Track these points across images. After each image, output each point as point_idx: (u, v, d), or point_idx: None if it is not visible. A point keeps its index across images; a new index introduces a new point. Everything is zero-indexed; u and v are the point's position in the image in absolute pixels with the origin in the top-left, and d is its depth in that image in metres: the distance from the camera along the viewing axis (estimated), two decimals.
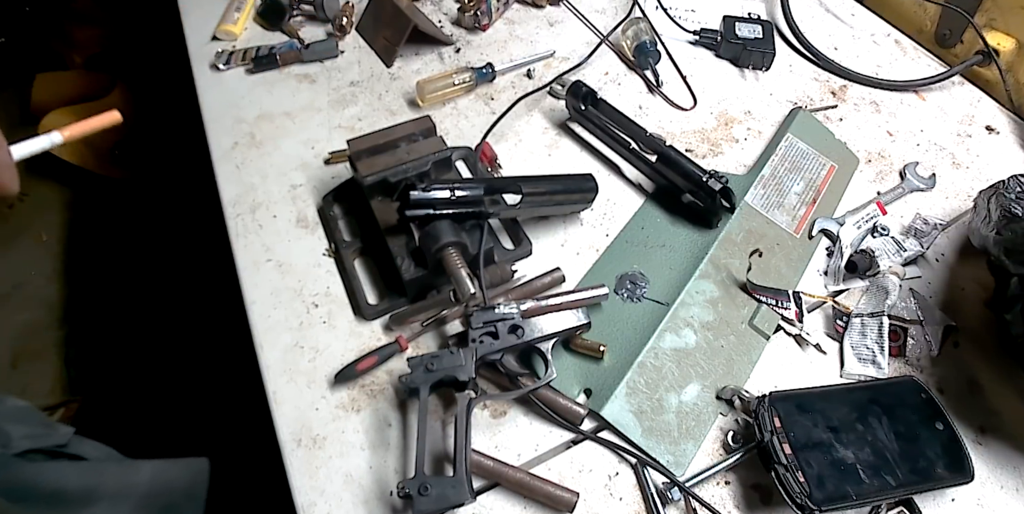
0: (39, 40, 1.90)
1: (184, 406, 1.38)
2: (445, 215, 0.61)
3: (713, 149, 0.81)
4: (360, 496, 0.55)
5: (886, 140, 0.83)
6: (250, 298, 0.67)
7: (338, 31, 0.93)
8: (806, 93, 0.88)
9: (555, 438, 0.58)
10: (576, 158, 0.80)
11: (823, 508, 0.49)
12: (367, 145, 0.69)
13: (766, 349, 0.63)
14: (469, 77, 0.84)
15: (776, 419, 0.53)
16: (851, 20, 0.99)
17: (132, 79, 1.83)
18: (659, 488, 0.55)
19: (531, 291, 0.66)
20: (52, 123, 1.62)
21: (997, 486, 0.57)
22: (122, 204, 1.75)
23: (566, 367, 0.62)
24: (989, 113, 0.87)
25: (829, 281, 0.69)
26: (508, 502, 0.55)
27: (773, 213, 0.72)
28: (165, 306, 1.55)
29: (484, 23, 0.93)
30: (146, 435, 1.35)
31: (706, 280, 0.66)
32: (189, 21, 0.95)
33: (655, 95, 0.87)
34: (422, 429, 0.53)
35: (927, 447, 0.54)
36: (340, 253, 0.69)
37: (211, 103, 0.85)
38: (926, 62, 0.93)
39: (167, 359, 1.46)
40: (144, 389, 1.42)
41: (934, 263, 0.71)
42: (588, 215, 0.74)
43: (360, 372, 0.60)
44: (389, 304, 0.65)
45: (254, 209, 0.74)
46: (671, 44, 0.91)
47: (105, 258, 1.67)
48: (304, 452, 0.57)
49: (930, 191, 0.78)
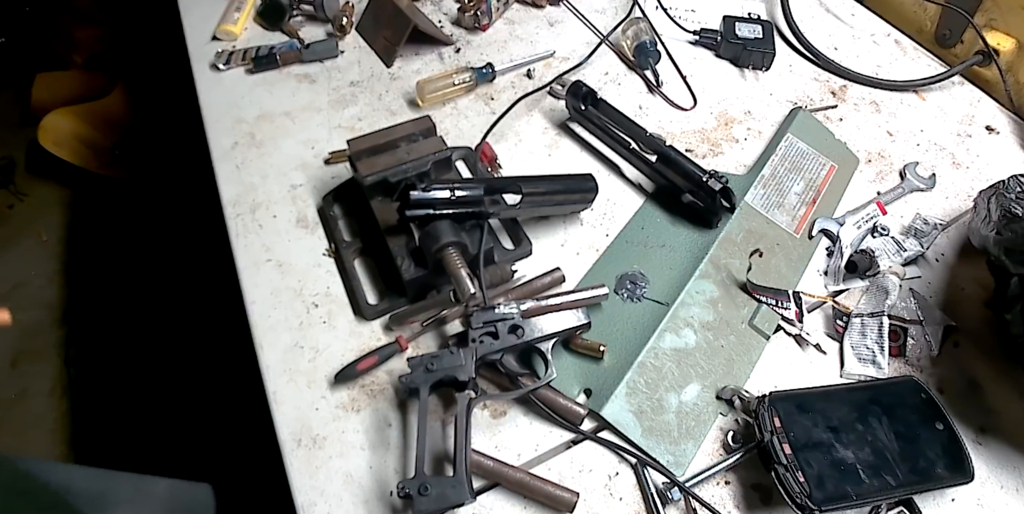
0: (39, 40, 1.90)
1: (184, 406, 1.38)
2: (445, 215, 0.61)
3: (713, 149, 0.81)
4: (360, 496, 0.55)
5: (886, 140, 0.83)
6: (250, 298, 0.67)
7: (338, 31, 0.93)
8: (806, 93, 0.88)
9: (555, 438, 0.58)
10: (576, 158, 0.80)
11: (823, 508, 0.49)
12: (367, 145, 0.69)
13: (766, 349, 0.63)
14: (469, 77, 0.84)
15: (776, 419, 0.53)
16: (851, 20, 0.99)
17: (132, 79, 1.83)
18: (659, 488, 0.55)
19: (531, 291, 0.66)
20: (52, 123, 1.62)
21: (997, 486, 0.57)
22: (122, 204, 1.75)
23: (566, 367, 0.62)
24: (989, 113, 0.87)
25: (829, 281, 0.69)
26: (508, 502, 0.55)
27: (773, 213, 0.72)
28: (165, 306, 1.55)
29: (484, 23, 0.93)
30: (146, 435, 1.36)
31: (706, 280, 0.66)
32: (189, 21, 0.95)
33: (655, 95, 0.87)
34: (422, 429, 0.53)
35: (927, 447, 0.54)
36: (340, 253, 0.69)
37: (211, 103, 0.85)
38: (926, 62, 0.93)
39: (167, 359, 1.46)
40: (144, 389, 1.42)
41: (934, 263, 0.71)
42: (588, 215, 0.74)
43: (360, 372, 0.60)
44: (389, 304, 0.65)
45: (254, 209, 0.74)
46: (671, 44, 0.91)
47: (105, 258, 1.67)
48: (304, 452, 0.57)
49: (930, 191, 0.77)
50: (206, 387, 1.39)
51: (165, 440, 1.34)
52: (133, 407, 1.40)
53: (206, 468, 1.27)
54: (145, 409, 1.39)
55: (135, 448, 1.34)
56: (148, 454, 1.32)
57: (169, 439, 1.34)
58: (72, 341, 1.53)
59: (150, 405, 1.39)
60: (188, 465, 1.29)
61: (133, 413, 1.39)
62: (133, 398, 1.41)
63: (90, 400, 1.43)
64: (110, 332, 1.53)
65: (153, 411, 1.38)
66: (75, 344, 1.52)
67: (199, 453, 1.30)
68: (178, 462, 1.29)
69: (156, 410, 1.38)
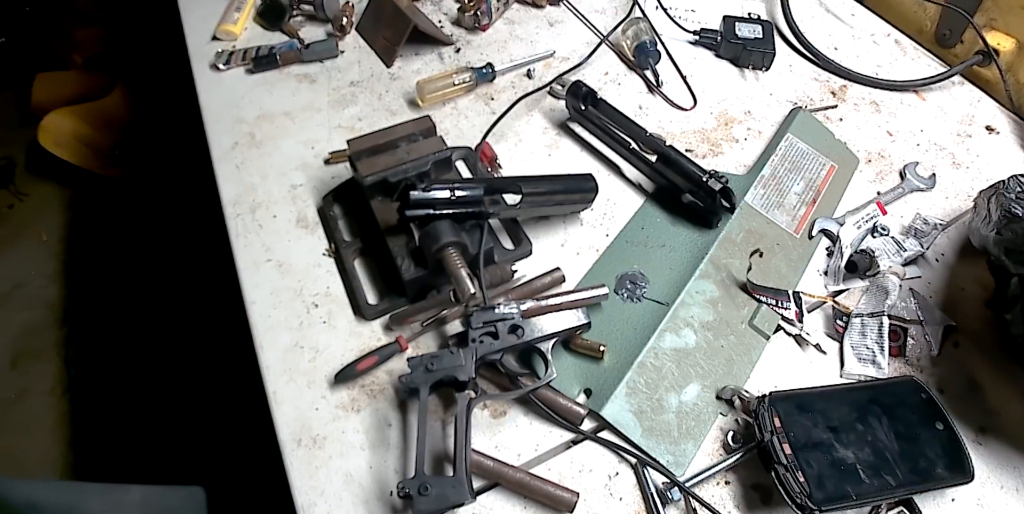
0: (39, 40, 1.90)
1: (184, 406, 1.38)
2: (445, 215, 0.61)
3: (713, 149, 0.81)
4: (360, 496, 0.55)
5: (886, 140, 0.83)
6: (250, 298, 0.67)
7: (338, 31, 0.93)
8: (806, 93, 0.88)
9: (555, 438, 0.58)
10: (576, 158, 0.80)
11: (823, 508, 0.49)
12: (367, 145, 0.69)
13: (766, 349, 0.63)
14: (469, 77, 0.84)
15: (776, 419, 0.53)
16: (851, 20, 0.99)
17: (132, 79, 1.83)
18: (659, 488, 0.55)
19: (531, 291, 0.66)
20: (52, 123, 1.62)
21: (997, 486, 0.57)
22: (122, 204, 1.75)
23: (566, 367, 0.62)
24: (989, 113, 0.87)
25: (829, 281, 0.69)
26: (508, 502, 0.55)
27: (773, 213, 0.72)
28: (165, 306, 1.55)
29: (484, 23, 0.93)
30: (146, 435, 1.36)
31: (706, 280, 0.66)
32: (189, 21, 0.95)
33: (655, 95, 0.87)
34: (422, 429, 0.53)
35: (927, 447, 0.54)
36: (340, 253, 0.69)
37: (211, 103, 0.85)
38: (926, 62, 0.93)
39: (167, 359, 1.46)
40: (144, 389, 1.42)
41: (934, 263, 0.71)
42: (588, 215, 0.74)
43: (360, 372, 0.60)
44: (389, 304, 0.65)
45: (254, 209, 0.74)
46: (671, 44, 0.91)
47: (105, 258, 1.67)
48: (304, 452, 0.57)
49: (930, 191, 0.78)
50: (206, 387, 1.39)
51: (165, 440, 1.34)
52: (133, 407, 1.40)
53: (206, 468, 1.27)
54: (145, 409, 1.39)
55: (135, 448, 1.34)
56: (148, 454, 1.32)
57: (169, 439, 1.34)
58: (72, 341, 1.53)
59: (150, 405, 1.39)
60: (188, 465, 1.29)
61: (133, 413, 1.39)
62: (133, 398, 1.41)
63: (90, 400, 1.43)
64: (110, 332, 1.53)
65: (153, 411, 1.38)
66: (75, 344, 1.52)
67: (199, 453, 1.30)
68: (178, 462, 1.30)
69: (156, 410, 1.38)
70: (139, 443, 1.34)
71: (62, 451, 1.36)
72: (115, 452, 1.34)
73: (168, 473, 1.29)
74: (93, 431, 1.39)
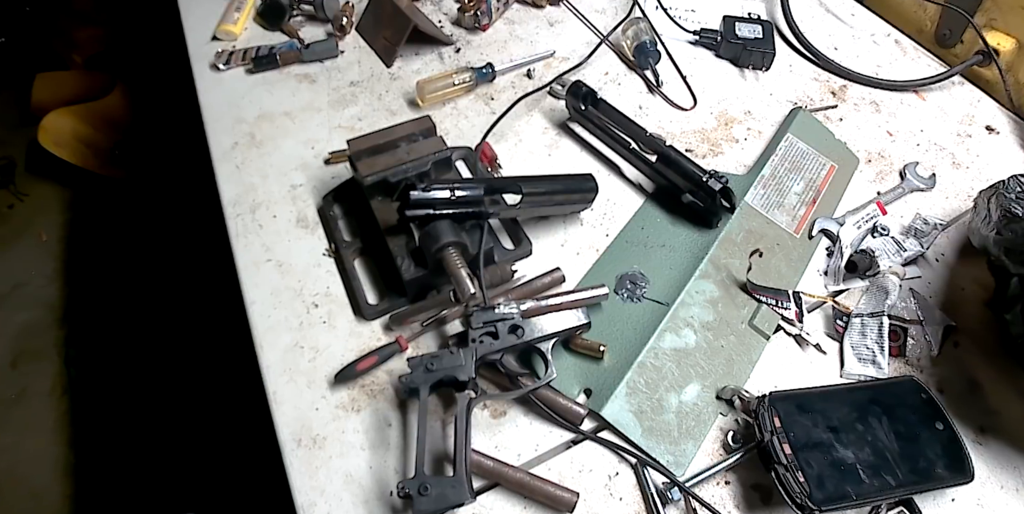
0: (39, 40, 1.90)
1: (184, 406, 1.38)
2: (445, 215, 0.61)
3: (713, 149, 0.81)
4: (360, 496, 0.55)
5: (886, 140, 0.83)
6: (250, 298, 0.67)
7: (338, 31, 0.93)
8: (806, 93, 0.88)
9: (555, 438, 0.58)
10: (576, 158, 0.80)
11: (823, 508, 0.49)
12: (367, 145, 0.69)
13: (766, 349, 0.63)
14: (469, 77, 0.84)
15: (776, 419, 0.53)
16: (851, 20, 0.99)
17: (132, 79, 1.83)
18: (659, 488, 0.55)
19: (531, 291, 0.66)
20: (52, 123, 1.62)
21: (997, 486, 0.57)
22: (122, 204, 1.75)
23: (566, 367, 0.62)
24: (989, 113, 0.87)
25: (829, 281, 0.69)
26: (508, 502, 0.55)
27: (773, 213, 0.72)
28: (165, 306, 1.55)
29: (484, 23, 0.93)
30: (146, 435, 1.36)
31: (706, 280, 0.66)
32: (189, 21, 0.95)
33: (655, 95, 0.87)
34: (422, 429, 0.53)
35: (927, 447, 0.54)
36: (340, 253, 0.69)
37: (211, 103, 0.85)
38: (926, 62, 0.93)
39: (167, 359, 1.46)
40: (144, 389, 1.42)
41: (934, 263, 0.71)
42: (588, 215, 0.74)
43: (360, 372, 0.60)
44: (389, 304, 0.65)
45: (254, 209, 0.74)
46: (671, 44, 0.91)
47: (105, 258, 1.67)
48: (304, 452, 0.57)
49: (930, 191, 0.77)
50: (206, 387, 1.39)
51: (165, 440, 1.34)
52: (133, 407, 1.40)
53: (205, 468, 1.27)
54: (145, 409, 1.39)
55: (135, 448, 1.34)
56: (148, 454, 1.32)
57: (169, 439, 1.34)
58: (72, 341, 1.53)
59: (150, 405, 1.39)
60: (188, 465, 1.29)
61: (133, 413, 1.39)
62: (133, 398, 1.41)
63: (90, 400, 1.43)
64: (110, 332, 1.53)
65: (153, 411, 1.38)
66: (75, 344, 1.52)
67: (199, 453, 1.30)
68: (178, 462, 1.30)
69: (156, 410, 1.38)
70: (139, 443, 1.34)
71: (62, 451, 1.36)
72: (115, 452, 1.34)
73: (168, 473, 1.29)
74: (93, 431, 1.39)
